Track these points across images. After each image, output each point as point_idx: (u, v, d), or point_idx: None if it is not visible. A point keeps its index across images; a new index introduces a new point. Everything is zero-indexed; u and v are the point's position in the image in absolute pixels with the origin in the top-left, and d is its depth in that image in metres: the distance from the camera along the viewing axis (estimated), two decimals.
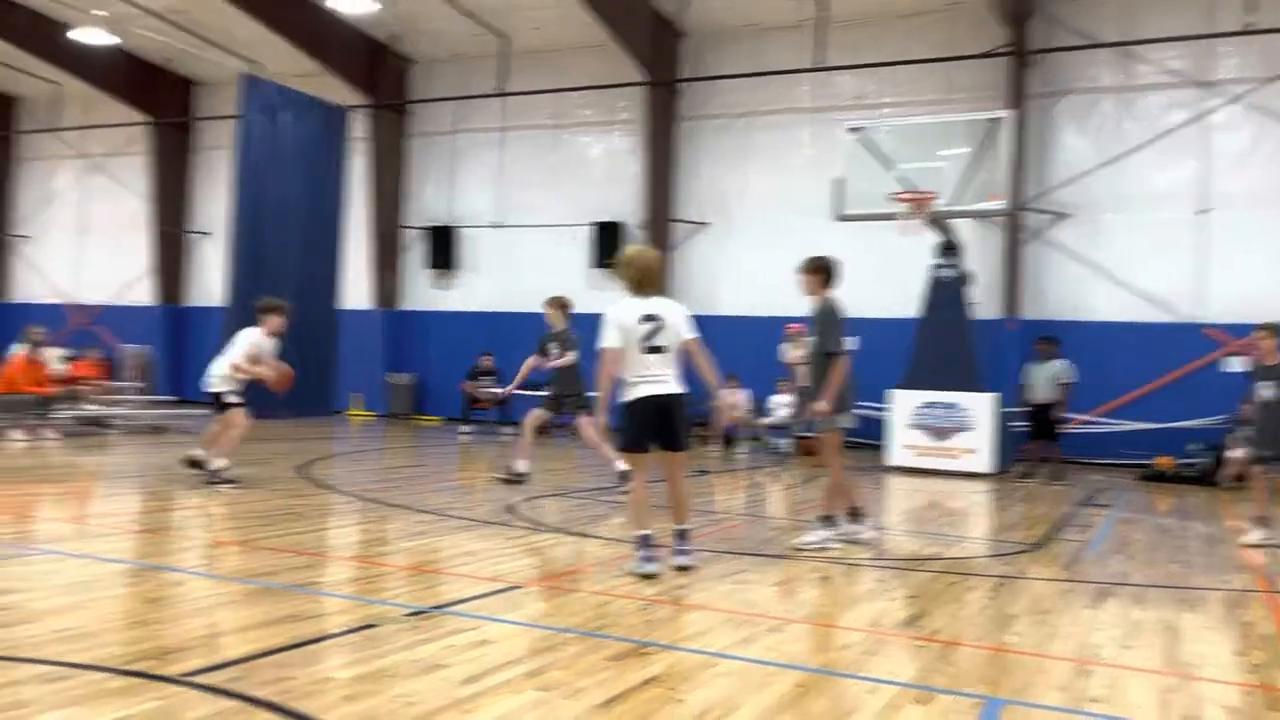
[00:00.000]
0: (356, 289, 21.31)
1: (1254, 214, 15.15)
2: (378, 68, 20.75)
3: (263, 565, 5.57)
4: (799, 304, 17.61)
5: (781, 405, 15.70)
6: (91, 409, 14.68)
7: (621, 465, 9.49)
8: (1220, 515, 10.29)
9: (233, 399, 9.33)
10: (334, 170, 20.45)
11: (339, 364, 20.56)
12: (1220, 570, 6.85)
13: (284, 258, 19.23)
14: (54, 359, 15.00)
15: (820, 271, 7.39)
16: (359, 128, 21.22)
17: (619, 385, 5.85)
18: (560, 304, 10.20)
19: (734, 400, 16.11)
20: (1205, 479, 12.85)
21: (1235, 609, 5.58)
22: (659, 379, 5.78)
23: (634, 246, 5.99)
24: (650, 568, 5.63)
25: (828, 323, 7.19)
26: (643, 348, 5.75)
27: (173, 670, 3.57)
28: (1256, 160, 15.31)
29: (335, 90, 20.90)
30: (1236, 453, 12.84)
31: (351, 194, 21.09)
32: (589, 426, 9.49)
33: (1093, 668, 4.20)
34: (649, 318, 5.78)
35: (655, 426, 5.81)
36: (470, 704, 3.36)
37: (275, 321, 9.34)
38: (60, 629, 4.03)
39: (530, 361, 10.04)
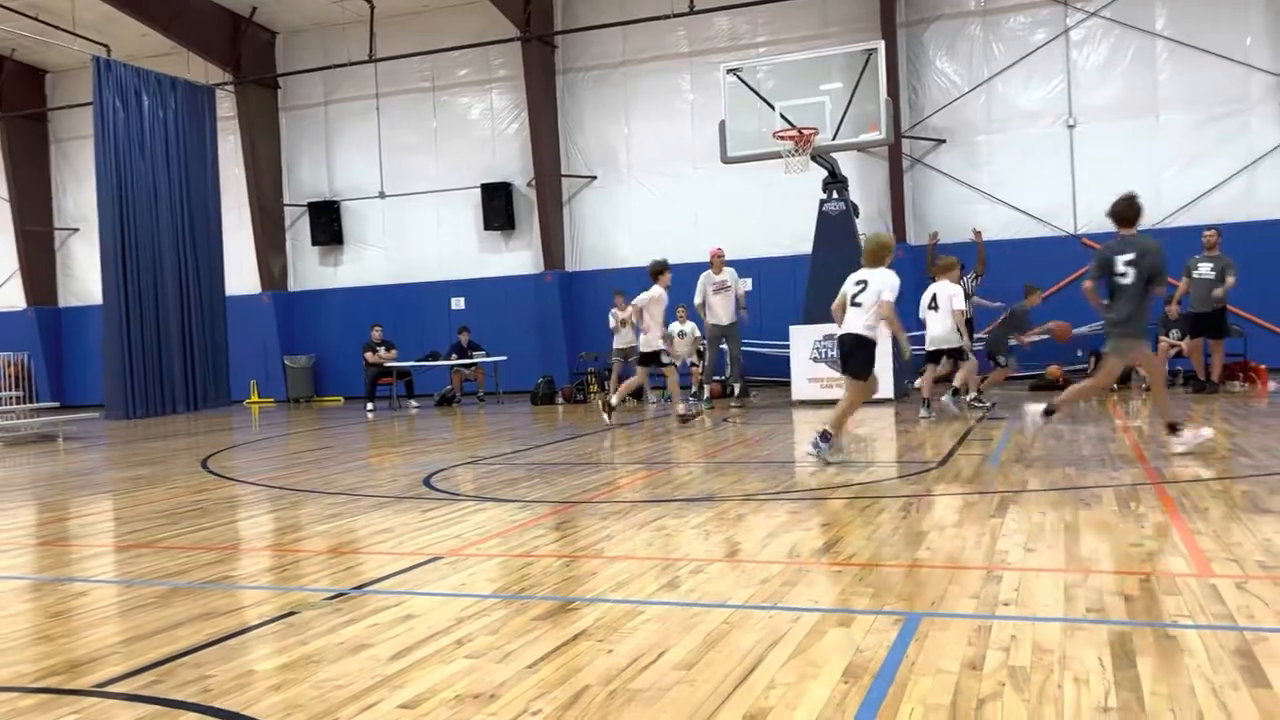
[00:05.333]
0: (242, 273, 20.68)
1: (1117, 125, 15.76)
2: (239, 42, 19.95)
3: (171, 565, 5.41)
4: (694, 250, 17.69)
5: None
6: None
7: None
8: (1109, 415, 10.78)
9: (666, 357, 11.80)
10: (205, 152, 19.73)
11: (231, 352, 20.00)
12: (1111, 468, 7.19)
13: (160, 247, 18.53)
14: None
15: None
16: (226, 106, 20.44)
17: None
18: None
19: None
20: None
21: (1128, 502, 5.87)
22: None
23: None
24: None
25: None
26: None
27: (85, 682, 3.45)
28: (1116, 72, 15.89)
29: (197, 69, 20.07)
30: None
31: (226, 175, 20.37)
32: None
33: (1001, 573, 4.38)
34: None
35: None
36: (400, 679, 3.34)
37: (668, 277, 11.60)
38: None
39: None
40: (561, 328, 18.65)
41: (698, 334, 15.34)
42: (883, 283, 7.92)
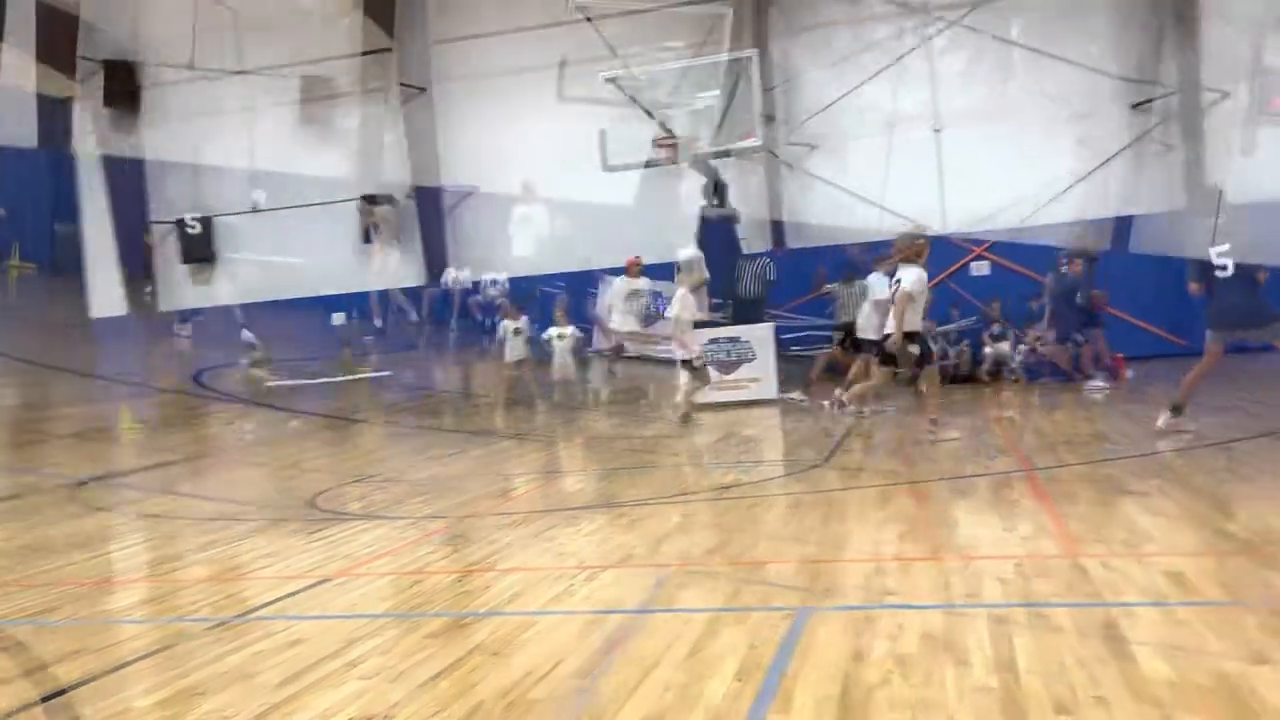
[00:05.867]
0: (109, 296, 19.77)
1: (979, 129, 16.46)
2: (97, 55, 19.07)
3: (39, 602, 5.14)
4: (577, 258, 17.72)
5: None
6: None
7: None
8: (982, 407, 11.22)
9: (697, 361, 11.53)
10: (62, 170, 18.83)
11: (98, 378, 19.12)
12: (986, 458, 7.49)
13: (19, 271, 17.61)
14: None
15: None
16: (86, 121, 19.54)
17: None
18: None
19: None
20: (966, 376, 13.95)
21: (1001, 490, 6.13)
22: None
23: None
24: None
25: None
26: None
27: None
28: (977, 79, 16.59)
29: (51, 82, 19.12)
30: (990, 348, 14.00)
31: (87, 193, 19.47)
32: None
33: (885, 564, 4.52)
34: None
35: None
36: (289, 706, 3.25)
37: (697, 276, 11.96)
38: None
39: None
40: (449, 340, 18.44)
41: (579, 337, 15.19)
42: (904, 276, 8.50)
